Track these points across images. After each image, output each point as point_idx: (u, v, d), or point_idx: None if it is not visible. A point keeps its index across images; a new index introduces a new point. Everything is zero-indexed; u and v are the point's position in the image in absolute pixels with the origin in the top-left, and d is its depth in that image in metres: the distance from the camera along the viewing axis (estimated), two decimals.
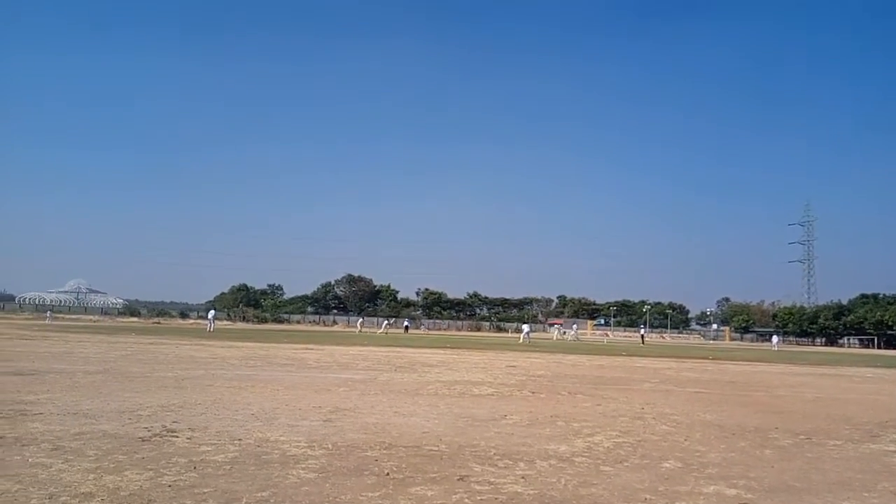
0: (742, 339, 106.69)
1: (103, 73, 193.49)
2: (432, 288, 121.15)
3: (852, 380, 20.98)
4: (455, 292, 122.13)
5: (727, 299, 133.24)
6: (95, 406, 8.49)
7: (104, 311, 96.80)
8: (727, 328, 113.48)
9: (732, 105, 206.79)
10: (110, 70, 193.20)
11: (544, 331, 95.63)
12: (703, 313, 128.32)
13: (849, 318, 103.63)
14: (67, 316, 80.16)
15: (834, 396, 14.54)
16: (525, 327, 55.52)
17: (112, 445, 6.11)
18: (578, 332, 70.81)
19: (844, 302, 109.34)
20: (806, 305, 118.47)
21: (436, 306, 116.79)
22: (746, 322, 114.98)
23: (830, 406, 12.38)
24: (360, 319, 79.94)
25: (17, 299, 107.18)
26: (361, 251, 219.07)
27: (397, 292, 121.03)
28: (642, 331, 73.73)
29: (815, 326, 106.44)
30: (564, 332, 69.67)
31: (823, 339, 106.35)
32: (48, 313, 78.25)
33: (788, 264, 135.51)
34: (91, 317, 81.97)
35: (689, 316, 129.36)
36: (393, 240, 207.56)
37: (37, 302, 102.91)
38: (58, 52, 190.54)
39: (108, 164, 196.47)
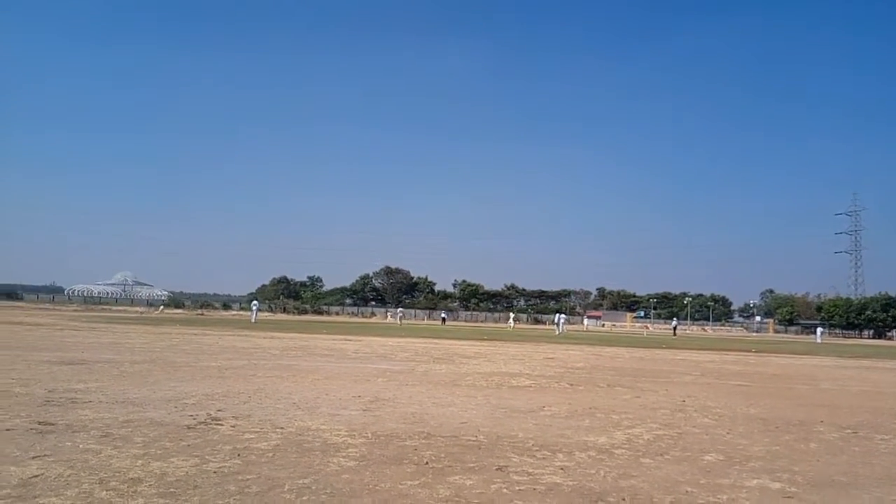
0: (786, 332, 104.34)
1: (144, 58, 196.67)
2: (469, 280, 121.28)
3: None
4: (492, 284, 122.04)
5: (771, 291, 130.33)
6: (142, 394, 8.72)
7: (150, 303, 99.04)
8: (771, 320, 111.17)
9: (775, 98, 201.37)
10: (152, 56, 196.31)
11: (581, 323, 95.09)
12: (747, 305, 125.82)
13: None
14: (115, 307, 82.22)
15: (881, 390, 14.18)
16: (557, 316, 54.06)
17: (159, 433, 6.27)
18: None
19: (893, 294, 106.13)
20: (853, 297, 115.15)
21: (473, 298, 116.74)
22: (791, 314, 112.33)
23: (877, 400, 12.08)
24: (400, 311, 74.41)
25: (66, 291, 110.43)
26: (399, 243, 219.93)
27: (434, 284, 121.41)
28: (674, 322, 72.75)
29: (862, 318, 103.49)
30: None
31: (871, 332, 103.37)
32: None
33: (835, 255, 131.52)
34: (137, 308, 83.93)
35: (732, 308, 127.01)
36: (431, 232, 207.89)
37: (85, 294, 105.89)
38: (106, 40, 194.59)
39: (149, 160, 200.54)
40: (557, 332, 47.37)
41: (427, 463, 5.51)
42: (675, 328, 67.75)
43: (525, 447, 6.34)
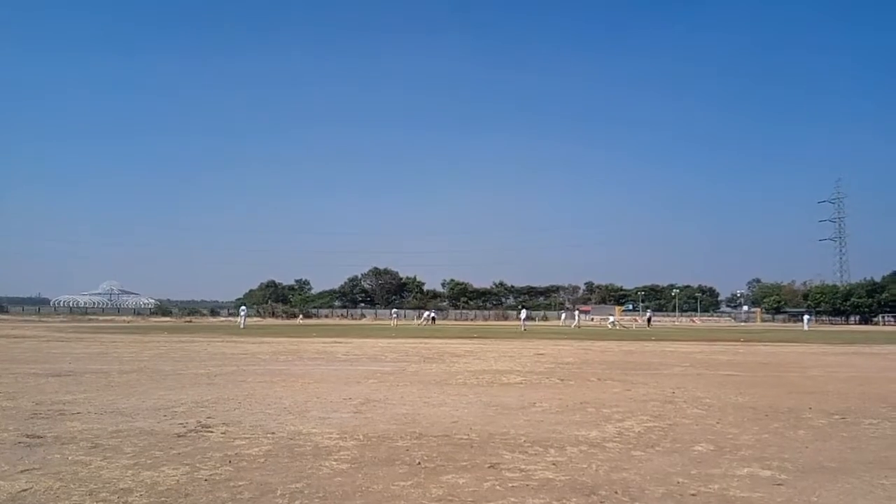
0: (774, 320, 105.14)
1: (130, 64, 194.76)
2: (458, 279, 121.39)
3: (887, 358, 20.62)
4: (480, 282, 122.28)
5: (758, 280, 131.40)
6: (131, 404, 8.66)
7: (137, 312, 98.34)
8: (758, 309, 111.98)
9: (754, 88, 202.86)
10: (138, 62, 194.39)
11: (571, 317, 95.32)
12: (734, 295, 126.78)
13: (883, 296, 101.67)
14: (101, 317, 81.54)
15: (868, 375, 14.32)
16: (523, 313, 56.25)
17: (148, 442, 6.23)
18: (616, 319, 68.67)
19: (878, 279, 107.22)
20: (839, 284, 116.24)
21: (462, 297, 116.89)
22: (778, 303, 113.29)
23: (865, 385, 12.20)
24: (395, 312, 72.16)
25: (51, 303, 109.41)
26: (386, 244, 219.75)
27: (423, 284, 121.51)
28: (648, 314, 73.19)
29: (848, 305, 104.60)
30: (604, 319, 69.03)
31: (857, 318, 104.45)
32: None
33: (819, 243, 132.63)
34: (124, 317, 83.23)
35: (720, 298, 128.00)
36: (417, 232, 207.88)
37: (71, 305, 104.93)
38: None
39: (131, 167, 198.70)
40: (522, 329, 47.89)
41: (419, 463, 5.50)
42: (649, 319, 68.41)
43: (517, 444, 6.35)
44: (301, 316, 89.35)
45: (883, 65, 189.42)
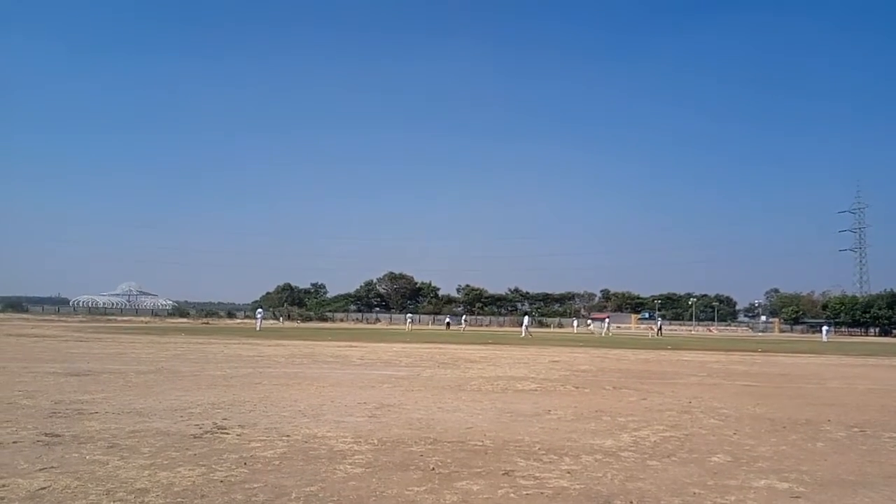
0: (792, 331, 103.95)
1: (149, 62, 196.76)
2: (473, 284, 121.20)
3: None
4: (496, 288, 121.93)
5: (776, 290, 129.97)
6: (148, 405, 8.73)
7: (154, 313, 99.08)
8: (776, 319, 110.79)
9: (779, 97, 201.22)
10: (157, 60, 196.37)
11: (586, 325, 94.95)
12: (752, 305, 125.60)
13: None
14: (119, 318, 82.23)
15: (889, 388, 14.12)
16: (526, 319, 55.99)
17: (165, 442, 6.28)
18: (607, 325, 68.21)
19: None
20: (858, 295, 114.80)
21: (477, 302, 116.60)
22: (796, 313, 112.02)
23: (885, 397, 12.04)
24: (409, 317, 72.80)
25: (71, 303, 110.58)
26: (402, 249, 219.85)
27: (438, 289, 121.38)
28: (658, 322, 72.47)
29: (868, 316, 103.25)
30: (601, 325, 68.79)
31: (877, 330, 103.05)
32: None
33: (839, 253, 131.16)
34: (142, 318, 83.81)
35: (737, 308, 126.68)
36: (434, 237, 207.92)
37: (90, 305, 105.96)
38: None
39: (151, 166, 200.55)
40: (523, 335, 47.64)
41: (433, 469, 5.50)
42: (660, 328, 67.82)
43: (531, 451, 6.33)
44: (298, 320, 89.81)
45: None
